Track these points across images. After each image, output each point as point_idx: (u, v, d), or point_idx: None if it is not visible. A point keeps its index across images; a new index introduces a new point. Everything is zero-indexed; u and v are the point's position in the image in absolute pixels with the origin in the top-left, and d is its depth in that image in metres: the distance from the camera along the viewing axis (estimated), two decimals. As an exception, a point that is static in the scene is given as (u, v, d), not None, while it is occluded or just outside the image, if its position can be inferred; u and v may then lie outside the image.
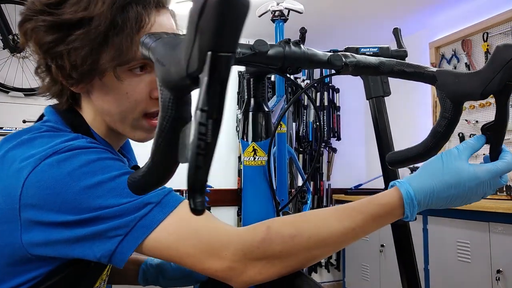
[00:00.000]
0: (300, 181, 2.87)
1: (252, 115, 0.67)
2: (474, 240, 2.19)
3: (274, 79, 2.26)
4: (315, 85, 3.53)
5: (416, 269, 1.08)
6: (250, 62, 0.53)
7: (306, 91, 0.69)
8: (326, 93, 3.64)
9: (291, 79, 0.65)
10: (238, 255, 0.55)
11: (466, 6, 2.86)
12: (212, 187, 2.76)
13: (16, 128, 2.40)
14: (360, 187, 3.63)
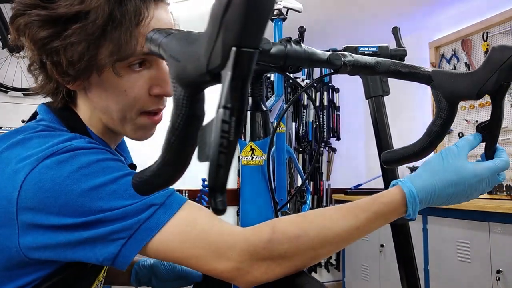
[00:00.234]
0: (299, 181, 2.86)
1: (250, 114, 0.67)
2: (474, 240, 2.19)
3: (273, 78, 2.26)
4: (315, 84, 3.53)
5: (416, 269, 1.08)
6: None
7: (306, 91, 0.69)
8: (325, 93, 3.64)
9: (292, 78, 0.65)
10: (244, 255, 0.55)
11: (466, 5, 2.86)
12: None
13: (15, 128, 2.39)
14: (360, 187, 3.63)
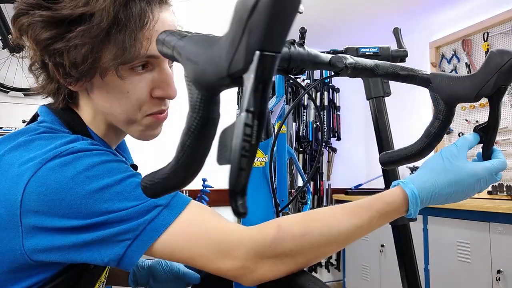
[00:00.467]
0: (300, 181, 2.86)
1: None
2: (474, 240, 2.19)
3: (274, 79, 2.26)
4: (313, 83, 3.53)
5: (416, 269, 1.08)
6: None
7: (309, 92, 0.69)
8: (326, 93, 3.64)
9: (295, 80, 0.65)
10: (249, 254, 0.55)
11: (466, 5, 2.86)
12: (212, 187, 2.75)
13: (15, 128, 2.40)
14: (360, 187, 3.63)
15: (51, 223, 0.54)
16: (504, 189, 2.52)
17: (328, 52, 1.13)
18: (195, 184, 3.13)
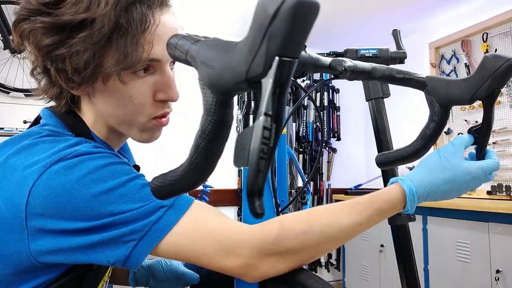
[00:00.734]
0: (300, 181, 2.87)
1: (252, 118, 0.68)
2: (473, 240, 2.20)
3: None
4: (315, 85, 3.54)
5: (416, 269, 1.08)
6: None
7: (310, 94, 0.70)
8: (326, 93, 3.64)
9: (297, 82, 0.66)
10: (253, 252, 0.57)
11: (466, 6, 2.87)
12: (212, 187, 2.76)
13: (16, 129, 2.40)
14: (360, 187, 3.64)
15: (57, 226, 0.54)
16: (504, 189, 2.53)
17: (328, 54, 1.14)
18: (196, 184, 3.13)
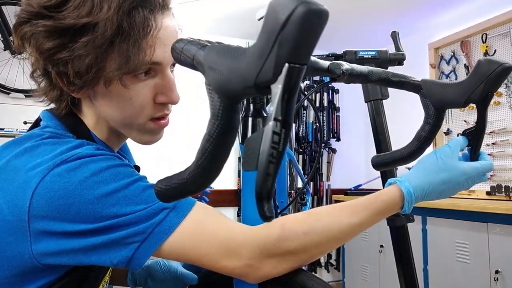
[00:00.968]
0: (299, 182, 2.87)
1: (251, 120, 0.68)
2: (472, 241, 2.20)
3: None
4: (315, 86, 3.54)
5: (414, 269, 1.09)
6: None
7: (309, 96, 0.71)
8: (325, 94, 3.65)
9: None
10: (255, 253, 0.57)
11: (465, 7, 2.87)
12: (212, 188, 2.77)
13: (17, 129, 2.41)
14: (360, 188, 3.64)
15: (59, 228, 0.54)
16: (503, 190, 2.53)
17: (327, 56, 1.15)
18: (195, 185, 3.14)
